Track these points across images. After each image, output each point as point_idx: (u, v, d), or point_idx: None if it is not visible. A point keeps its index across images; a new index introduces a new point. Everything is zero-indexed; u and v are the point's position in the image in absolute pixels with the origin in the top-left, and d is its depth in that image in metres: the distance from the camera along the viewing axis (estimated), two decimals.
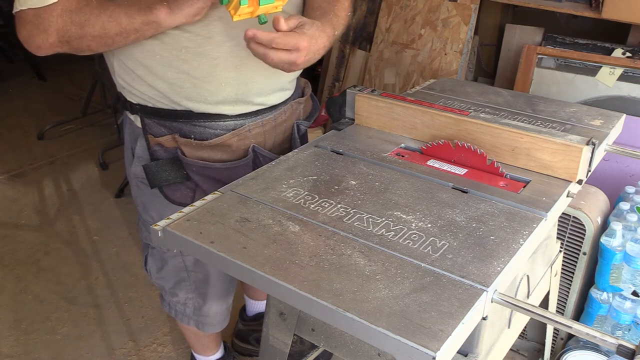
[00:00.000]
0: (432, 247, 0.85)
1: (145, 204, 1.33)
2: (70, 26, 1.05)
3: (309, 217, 0.93)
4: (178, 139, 1.19)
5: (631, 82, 1.99)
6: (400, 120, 1.23)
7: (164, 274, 1.42)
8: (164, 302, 1.51)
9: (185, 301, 1.46)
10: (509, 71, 2.40)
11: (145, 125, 1.21)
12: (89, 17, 1.04)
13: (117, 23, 1.04)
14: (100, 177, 3.08)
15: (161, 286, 1.46)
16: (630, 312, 1.60)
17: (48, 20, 1.04)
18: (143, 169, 1.23)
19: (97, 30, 1.05)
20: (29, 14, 1.05)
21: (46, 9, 1.04)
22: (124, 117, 1.32)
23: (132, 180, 1.33)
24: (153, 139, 1.21)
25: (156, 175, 1.21)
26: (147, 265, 1.45)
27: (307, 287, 0.76)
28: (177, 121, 1.20)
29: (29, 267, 2.37)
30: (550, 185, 1.05)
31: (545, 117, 1.34)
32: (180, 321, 1.51)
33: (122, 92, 1.25)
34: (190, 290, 1.43)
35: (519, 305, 0.79)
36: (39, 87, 4.36)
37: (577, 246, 1.65)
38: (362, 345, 0.99)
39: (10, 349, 1.95)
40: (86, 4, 1.05)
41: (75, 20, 1.04)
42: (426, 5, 2.40)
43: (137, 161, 1.27)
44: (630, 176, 1.96)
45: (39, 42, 1.08)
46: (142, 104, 1.21)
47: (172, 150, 1.21)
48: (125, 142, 1.34)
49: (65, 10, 1.04)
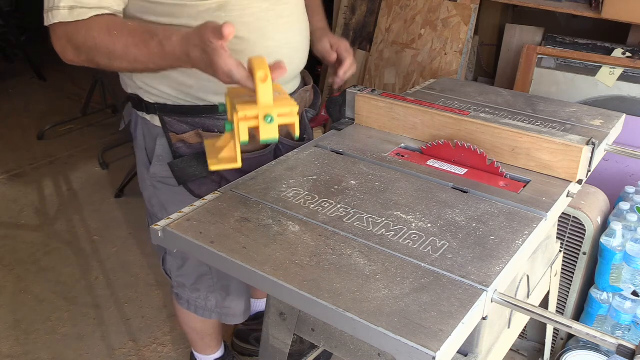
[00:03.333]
0: (432, 247, 0.85)
1: (164, 204, 1.33)
2: (99, 57, 1.07)
3: (309, 217, 0.93)
4: (203, 133, 1.21)
5: (631, 82, 1.98)
6: (400, 120, 1.23)
7: (185, 271, 1.43)
8: (180, 300, 1.50)
9: (207, 295, 1.46)
10: (509, 71, 2.40)
11: (166, 123, 1.23)
12: (116, 47, 1.04)
13: (147, 65, 1.05)
14: (100, 177, 3.08)
15: (181, 284, 1.46)
16: (630, 312, 1.60)
17: (76, 37, 1.06)
18: (169, 166, 1.24)
19: (125, 67, 1.07)
20: (61, 30, 1.07)
21: (77, 26, 1.05)
22: (134, 118, 1.32)
23: (147, 180, 1.33)
24: (175, 136, 1.23)
25: (183, 171, 1.23)
26: (167, 265, 1.45)
27: (307, 287, 0.76)
28: (200, 116, 1.21)
29: (29, 267, 2.36)
30: (550, 185, 1.05)
31: (545, 117, 1.34)
32: (202, 316, 1.52)
33: (137, 93, 1.25)
34: (212, 283, 1.43)
35: (519, 305, 0.79)
36: (39, 87, 4.36)
37: (577, 246, 1.65)
38: (362, 345, 0.99)
39: (10, 349, 1.95)
40: (118, 33, 1.04)
41: (103, 50, 1.05)
42: (426, 5, 2.40)
43: (156, 161, 1.28)
44: (630, 176, 1.96)
45: (71, 56, 1.10)
46: (160, 102, 1.22)
47: (196, 145, 1.23)
48: (137, 144, 1.34)
49: (98, 32, 1.05)
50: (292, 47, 1.27)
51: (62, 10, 1.05)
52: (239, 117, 0.92)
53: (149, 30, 1.03)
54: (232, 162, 1.03)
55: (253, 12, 1.16)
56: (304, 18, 1.32)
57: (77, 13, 1.05)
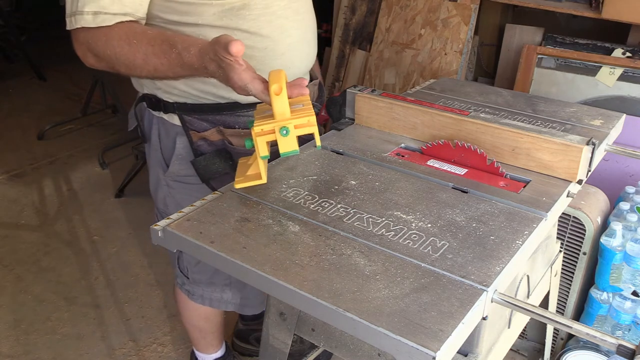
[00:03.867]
0: (432, 247, 0.85)
1: (180, 202, 1.33)
2: (118, 66, 1.07)
3: (309, 217, 0.93)
4: (224, 130, 1.22)
5: (631, 82, 1.99)
6: (400, 120, 1.23)
7: (201, 267, 1.43)
8: (193, 296, 1.50)
9: (223, 288, 1.47)
10: (509, 71, 2.40)
11: (186, 122, 1.23)
12: (136, 57, 1.05)
13: (167, 74, 1.06)
14: (100, 177, 3.08)
15: (198, 280, 1.46)
16: (630, 312, 1.60)
17: (96, 45, 1.06)
18: (192, 164, 1.25)
19: (145, 75, 1.07)
20: (82, 35, 1.07)
21: (98, 33, 1.05)
22: (148, 118, 1.32)
23: (162, 180, 1.33)
24: (196, 134, 1.23)
25: (206, 168, 1.24)
26: (182, 264, 1.46)
27: (307, 287, 0.76)
28: (221, 114, 1.22)
29: (29, 267, 2.36)
30: (550, 185, 1.05)
31: (545, 117, 1.34)
32: (218, 308, 1.52)
33: (155, 93, 1.25)
34: (228, 275, 1.43)
35: (519, 305, 0.79)
36: (39, 87, 4.36)
37: (577, 246, 1.65)
38: (362, 345, 0.99)
39: (10, 349, 1.95)
40: (137, 42, 1.04)
41: (122, 60, 1.06)
42: (426, 5, 2.40)
43: (176, 159, 1.28)
44: (630, 176, 1.96)
45: (92, 62, 1.11)
46: (180, 101, 1.23)
47: (217, 142, 1.24)
48: (151, 144, 1.34)
49: (117, 41, 1.05)
50: (307, 42, 1.28)
51: (85, 15, 1.04)
52: (255, 132, 0.92)
53: (168, 40, 1.03)
54: (257, 178, 1.02)
55: (274, 10, 1.17)
56: (313, 14, 1.34)
57: (100, 19, 1.04)
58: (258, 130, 0.92)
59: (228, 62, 0.93)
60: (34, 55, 4.44)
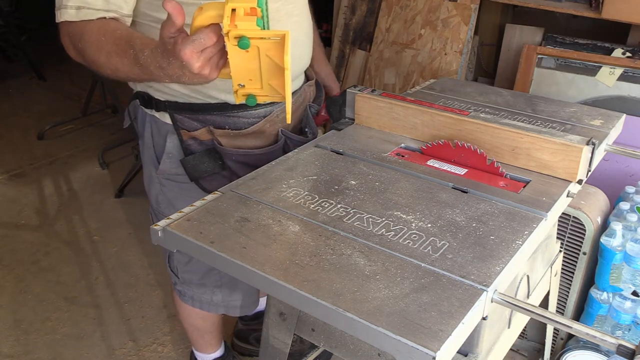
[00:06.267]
0: (432, 247, 0.85)
1: (171, 200, 1.34)
2: (89, 62, 1.07)
3: (309, 217, 0.93)
4: (214, 130, 1.23)
5: (631, 82, 1.98)
6: (400, 120, 1.23)
7: (191, 267, 1.43)
8: (184, 297, 1.50)
9: (213, 290, 1.46)
10: (509, 71, 2.40)
11: (177, 121, 1.24)
12: (100, 55, 1.04)
13: (128, 74, 1.05)
14: (100, 177, 3.08)
15: (188, 280, 1.46)
16: (630, 312, 1.60)
17: (75, 38, 1.07)
18: (181, 163, 1.25)
19: (109, 74, 1.07)
20: (65, 28, 1.08)
21: (77, 27, 1.06)
22: (141, 116, 1.32)
23: (155, 178, 1.34)
24: (186, 133, 1.24)
25: (195, 167, 1.25)
26: (172, 263, 1.46)
27: (307, 287, 0.76)
28: (211, 114, 1.23)
29: (29, 267, 2.36)
30: (550, 185, 1.05)
31: (545, 117, 1.34)
32: (207, 311, 1.52)
33: (147, 91, 1.26)
34: (219, 278, 1.44)
35: (519, 305, 0.79)
36: (39, 87, 4.36)
37: (577, 246, 1.65)
38: (362, 345, 0.99)
39: (10, 349, 1.95)
40: (105, 39, 1.04)
41: (90, 56, 1.06)
42: (426, 5, 2.40)
43: (166, 158, 1.28)
44: (630, 176, 1.96)
45: (74, 55, 1.12)
46: (171, 100, 1.23)
47: (207, 142, 1.25)
48: (144, 142, 1.34)
49: (89, 36, 1.05)
50: (301, 45, 1.28)
51: (69, 9, 1.06)
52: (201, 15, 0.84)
53: (130, 40, 1.01)
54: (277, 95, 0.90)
55: None
56: (309, 16, 1.34)
57: (83, 13, 1.05)
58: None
59: (174, 40, 0.88)
60: (34, 55, 4.44)
